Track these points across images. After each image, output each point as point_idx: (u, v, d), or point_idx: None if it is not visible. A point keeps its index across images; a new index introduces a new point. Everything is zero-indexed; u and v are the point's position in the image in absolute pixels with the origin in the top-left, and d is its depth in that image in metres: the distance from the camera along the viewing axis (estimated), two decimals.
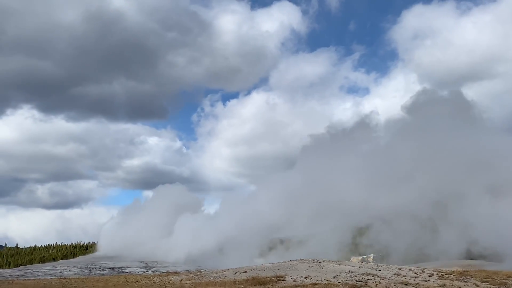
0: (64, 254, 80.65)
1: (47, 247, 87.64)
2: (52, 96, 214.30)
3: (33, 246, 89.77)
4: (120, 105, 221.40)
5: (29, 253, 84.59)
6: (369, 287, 19.09)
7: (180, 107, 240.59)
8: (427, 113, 53.72)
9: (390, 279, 20.24)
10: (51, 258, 77.12)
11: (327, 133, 65.15)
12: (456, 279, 19.36)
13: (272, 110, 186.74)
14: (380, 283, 19.59)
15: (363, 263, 27.44)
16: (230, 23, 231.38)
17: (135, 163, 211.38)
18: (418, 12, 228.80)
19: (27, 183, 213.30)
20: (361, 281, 20.17)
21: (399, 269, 22.58)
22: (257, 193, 61.41)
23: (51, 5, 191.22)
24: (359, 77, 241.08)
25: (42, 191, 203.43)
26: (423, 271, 21.79)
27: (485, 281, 18.79)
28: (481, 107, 55.91)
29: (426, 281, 19.59)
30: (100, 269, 42.99)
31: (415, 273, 21.09)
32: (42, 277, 34.81)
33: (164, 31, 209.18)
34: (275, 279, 22.14)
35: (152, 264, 47.74)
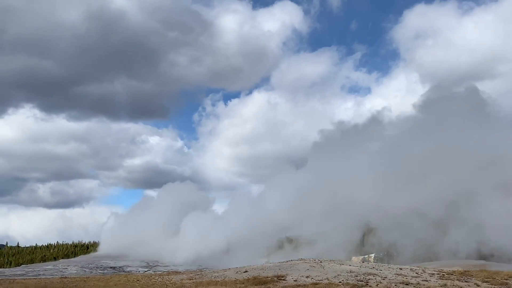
0: (65, 253, 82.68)
1: (48, 246, 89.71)
2: (53, 95, 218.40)
3: (34, 245, 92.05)
4: (121, 104, 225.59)
5: (30, 252, 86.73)
6: (370, 287, 19.82)
7: (181, 106, 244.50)
8: (441, 110, 53.80)
9: (391, 279, 20.96)
10: (52, 257, 79.10)
11: (338, 129, 65.67)
12: (457, 279, 20.03)
13: (273, 109, 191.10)
14: (381, 283, 20.31)
15: (364, 263, 28.19)
16: (231, 23, 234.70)
17: (136, 162, 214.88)
18: (419, 11, 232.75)
19: (28, 182, 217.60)
20: (362, 280, 20.90)
21: (400, 269, 23.29)
22: (266, 193, 62.14)
23: (53, 4, 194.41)
24: (361, 76, 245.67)
25: (43, 190, 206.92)
26: (424, 271, 22.49)
27: (486, 281, 19.44)
28: (498, 104, 55.89)
29: (427, 281, 20.29)
30: (101, 268, 44.24)
31: (416, 273, 21.79)
32: (43, 277, 35.89)
33: (165, 31, 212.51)
34: (276, 278, 22.90)
35: (153, 263, 48.99)
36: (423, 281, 20.30)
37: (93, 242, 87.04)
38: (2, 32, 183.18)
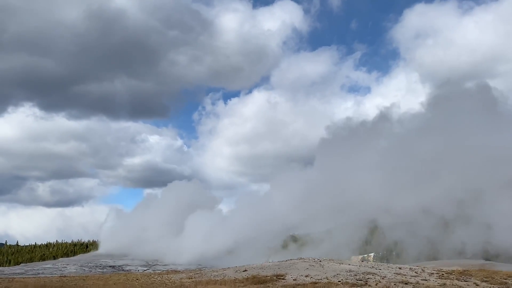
0: (64, 252, 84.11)
1: (48, 245, 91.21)
2: (53, 94, 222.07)
3: (34, 244, 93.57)
4: (121, 103, 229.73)
5: (29, 251, 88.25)
6: (369, 286, 20.41)
7: (181, 105, 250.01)
8: (450, 107, 53.80)
9: (390, 278, 21.54)
10: (52, 256, 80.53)
11: (345, 126, 66.05)
12: (456, 279, 20.59)
13: (273, 108, 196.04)
14: (380, 282, 20.90)
15: (363, 262, 28.80)
16: (232, 22, 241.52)
17: (136, 161, 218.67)
18: (420, 11, 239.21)
19: (28, 181, 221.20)
20: (361, 280, 21.50)
21: (399, 268, 23.87)
22: (272, 192, 62.81)
23: (53, 3, 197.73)
24: (361, 76, 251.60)
25: (43, 189, 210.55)
26: (424, 270, 23.07)
27: (485, 281, 19.98)
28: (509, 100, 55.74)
29: (426, 280, 20.86)
30: (100, 267, 45.18)
31: (416, 272, 22.37)
32: (42, 275, 36.75)
33: (165, 30, 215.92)
34: (276, 277, 23.52)
35: (152, 262, 49.89)
36: (422, 280, 20.86)
37: (93, 241, 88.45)
38: (2, 31, 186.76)
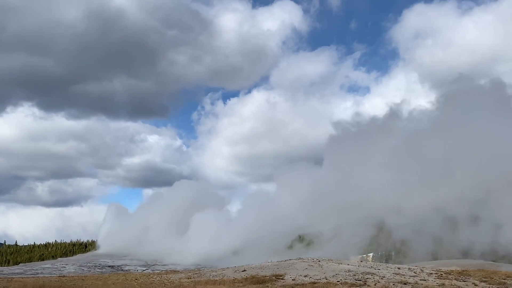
0: (63, 252, 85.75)
1: (47, 245, 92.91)
2: (52, 93, 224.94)
3: (33, 244, 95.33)
4: (120, 103, 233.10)
5: (28, 251, 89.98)
6: (368, 286, 21.18)
7: (180, 105, 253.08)
8: (463, 103, 53.80)
9: (389, 278, 22.29)
10: (51, 256, 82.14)
11: (354, 122, 66.54)
12: (455, 279, 21.29)
13: (272, 108, 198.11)
14: (379, 282, 21.65)
15: (363, 262, 29.57)
16: (231, 22, 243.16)
17: (135, 161, 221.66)
18: (419, 11, 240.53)
19: (27, 180, 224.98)
20: (360, 280, 22.27)
21: (398, 268, 24.61)
22: (279, 191, 63.61)
23: (52, 3, 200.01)
24: (360, 76, 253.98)
25: (42, 188, 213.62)
26: (422, 271, 23.80)
27: (484, 281, 20.67)
28: None
29: (425, 280, 21.59)
30: (99, 267, 46.37)
31: (414, 272, 23.10)
32: (41, 275, 37.83)
33: (165, 29, 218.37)
34: (275, 277, 24.33)
35: (151, 262, 50.98)
36: (421, 280, 21.59)
37: (92, 241, 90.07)
38: (1, 30, 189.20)
